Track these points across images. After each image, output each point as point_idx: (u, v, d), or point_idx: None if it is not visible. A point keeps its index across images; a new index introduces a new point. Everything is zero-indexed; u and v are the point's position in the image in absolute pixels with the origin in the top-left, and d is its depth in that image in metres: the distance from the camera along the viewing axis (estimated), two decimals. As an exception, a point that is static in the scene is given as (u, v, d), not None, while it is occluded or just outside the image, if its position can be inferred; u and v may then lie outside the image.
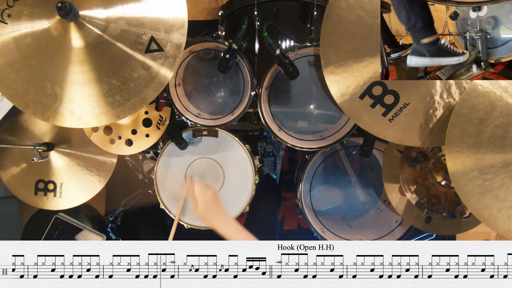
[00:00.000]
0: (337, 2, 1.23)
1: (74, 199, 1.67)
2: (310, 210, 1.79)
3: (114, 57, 1.17)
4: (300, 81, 1.49)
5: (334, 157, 1.89)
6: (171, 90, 1.52)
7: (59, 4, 1.06)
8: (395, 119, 1.26)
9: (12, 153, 1.68)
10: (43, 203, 1.68)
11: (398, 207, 1.59)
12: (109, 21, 1.15)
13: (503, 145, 1.11)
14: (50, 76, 1.19)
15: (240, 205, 1.62)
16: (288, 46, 1.62)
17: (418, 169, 1.49)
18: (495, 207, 1.11)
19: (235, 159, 1.62)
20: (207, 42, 1.49)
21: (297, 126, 1.59)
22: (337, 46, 1.25)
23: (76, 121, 1.22)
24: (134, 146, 1.58)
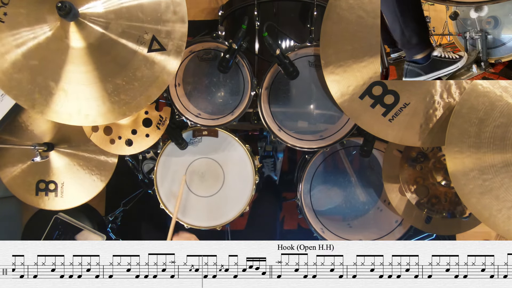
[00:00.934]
0: (337, 2, 1.23)
1: (76, 198, 1.67)
2: (310, 210, 1.79)
3: (117, 57, 1.17)
4: (300, 81, 1.49)
5: (334, 157, 1.89)
6: (171, 90, 1.52)
7: (59, 4, 1.06)
8: (395, 119, 1.26)
9: (12, 153, 1.68)
10: (44, 204, 1.68)
11: (398, 207, 1.59)
12: (109, 19, 1.15)
13: (503, 145, 1.10)
14: (53, 76, 1.19)
15: (240, 205, 1.62)
16: (288, 46, 1.62)
17: (418, 169, 1.49)
18: (495, 207, 1.11)
19: (235, 159, 1.62)
20: (207, 42, 1.49)
21: (297, 126, 1.59)
22: (337, 46, 1.25)
23: (83, 120, 1.23)
24: (134, 146, 1.58)
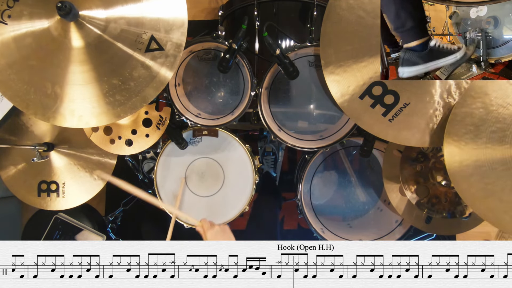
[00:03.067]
0: (337, 2, 1.23)
1: (78, 197, 1.67)
2: (310, 210, 1.79)
3: (114, 56, 1.17)
4: (300, 81, 1.49)
5: (334, 157, 1.89)
6: (171, 90, 1.52)
7: (59, 4, 1.06)
8: (395, 119, 1.26)
9: (12, 153, 1.68)
10: (47, 204, 1.68)
11: (398, 207, 1.59)
12: (109, 21, 1.15)
13: (503, 144, 1.10)
14: (51, 76, 1.19)
15: (240, 205, 1.62)
16: (288, 46, 1.62)
17: (418, 169, 1.49)
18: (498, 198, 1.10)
19: (235, 159, 1.62)
20: (207, 42, 1.49)
21: (297, 126, 1.59)
22: (337, 46, 1.25)
23: (77, 121, 1.22)
24: (134, 146, 1.58)
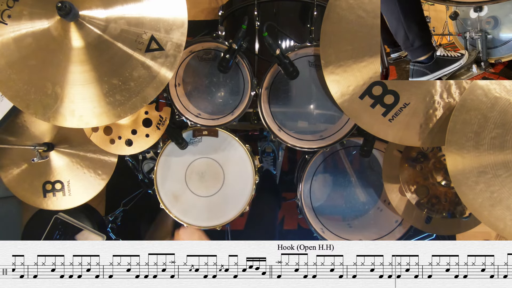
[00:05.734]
0: (337, 2, 1.23)
1: (83, 195, 1.66)
2: (310, 210, 1.79)
3: (114, 56, 1.17)
4: (300, 81, 1.49)
5: (334, 157, 1.89)
6: (171, 90, 1.52)
7: (59, 4, 1.06)
8: (395, 119, 1.26)
9: (12, 153, 1.68)
10: (53, 204, 1.67)
11: (398, 207, 1.59)
12: (109, 21, 1.15)
13: (503, 145, 1.10)
14: (51, 76, 1.19)
15: (240, 205, 1.62)
16: (288, 46, 1.62)
17: (418, 169, 1.49)
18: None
19: (235, 159, 1.62)
20: (207, 42, 1.49)
21: (297, 126, 1.59)
22: (337, 46, 1.25)
23: (77, 121, 1.22)
24: (134, 146, 1.58)
